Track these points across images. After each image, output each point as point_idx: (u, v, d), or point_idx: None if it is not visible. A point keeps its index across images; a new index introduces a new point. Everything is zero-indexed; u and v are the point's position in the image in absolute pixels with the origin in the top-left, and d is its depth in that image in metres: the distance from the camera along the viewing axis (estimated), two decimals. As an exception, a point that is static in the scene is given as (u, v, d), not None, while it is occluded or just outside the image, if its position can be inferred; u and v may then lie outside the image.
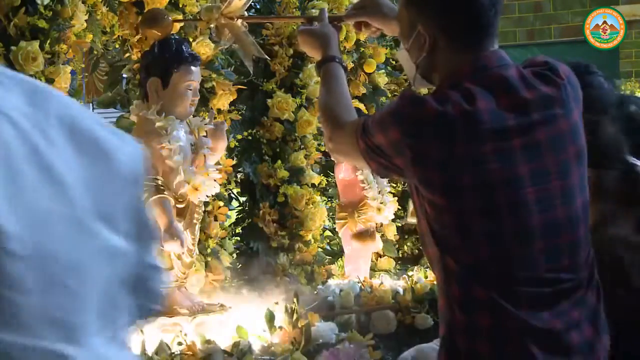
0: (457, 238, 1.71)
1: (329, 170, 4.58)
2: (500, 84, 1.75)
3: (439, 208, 1.72)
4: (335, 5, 4.47)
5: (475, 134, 1.68)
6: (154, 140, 2.92)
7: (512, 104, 1.72)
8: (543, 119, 1.74)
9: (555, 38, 12.46)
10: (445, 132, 1.68)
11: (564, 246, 1.75)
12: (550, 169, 1.73)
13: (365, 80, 4.89)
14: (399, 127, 1.73)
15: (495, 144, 1.69)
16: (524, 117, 1.72)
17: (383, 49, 5.03)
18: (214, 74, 3.54)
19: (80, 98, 2.96)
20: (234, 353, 2.77)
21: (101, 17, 3.14)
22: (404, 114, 1.73)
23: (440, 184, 1.70)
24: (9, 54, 2.63)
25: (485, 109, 1.69)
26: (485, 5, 1.80)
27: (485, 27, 1.81)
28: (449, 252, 1.73)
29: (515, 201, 1.69)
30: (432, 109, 1.69)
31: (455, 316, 1.73)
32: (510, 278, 1.70)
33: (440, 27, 1.81)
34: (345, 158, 2.21)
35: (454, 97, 1.70)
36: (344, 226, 4.10)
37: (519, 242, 1.70)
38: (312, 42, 2.29)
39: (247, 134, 3.94)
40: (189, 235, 3.04)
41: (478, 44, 1.80)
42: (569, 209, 1.75)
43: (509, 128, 1.70)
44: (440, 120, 1.68)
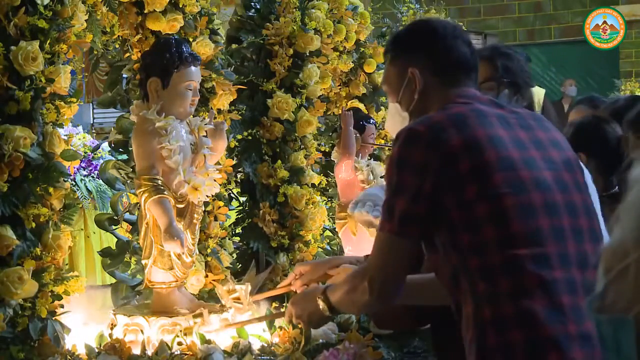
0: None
1: (329, 170, 4.58)
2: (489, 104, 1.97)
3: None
4: (335, 5, 4.48)
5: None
6: (154, 140, 2.92)
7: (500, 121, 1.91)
8: (524, 129, 1.92)
9: (555, 38, 12.47)
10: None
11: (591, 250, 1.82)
12: (556, 160, 1.88)
13: (365, 80, 4.89)
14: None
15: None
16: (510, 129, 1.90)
17: (383, 49, 5.03)
18: (214, 74, 3.54)
19: (80, 98, 2.96)
20: (234, 353, 2.77)
21: (101, 17, 3.14)
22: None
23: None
24: (9, 54, 2.63)
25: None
26: (463, 45, 2.03)
27: (464, 63, 2.03)
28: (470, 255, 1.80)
29: (538, 176, 1.83)
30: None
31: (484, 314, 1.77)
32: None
33: (429, 67, 2.01)
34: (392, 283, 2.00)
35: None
36: (344, 226, 4.10)
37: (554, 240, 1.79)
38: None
39: (247, 134, 3.93)
40: (189, 235, 3.04)
41: (462, 79, 2.01)
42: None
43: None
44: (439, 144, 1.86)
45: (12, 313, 2.63)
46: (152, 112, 2.94)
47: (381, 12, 6.51)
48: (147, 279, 3.06)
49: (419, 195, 1.82)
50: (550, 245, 1.76)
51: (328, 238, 4.62)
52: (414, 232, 1.86)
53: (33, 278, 2.63)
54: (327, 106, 4.71)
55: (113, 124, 3.66)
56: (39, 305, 2.68)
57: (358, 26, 4.71)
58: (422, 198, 1.82)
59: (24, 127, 2.65)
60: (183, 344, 2.78)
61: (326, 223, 4.32)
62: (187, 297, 3.12)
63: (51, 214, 2.74)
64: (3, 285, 2.57)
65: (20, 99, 2.65)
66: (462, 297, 1.82)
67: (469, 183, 1.79)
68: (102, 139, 7.64)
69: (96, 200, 6.78)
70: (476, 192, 1.78)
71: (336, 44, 4.47)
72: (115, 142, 3.59)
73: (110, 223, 3.60)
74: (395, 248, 1.89)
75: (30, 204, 2.68)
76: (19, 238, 2.65)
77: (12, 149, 2.60)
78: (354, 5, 4.70)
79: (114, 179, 3.63)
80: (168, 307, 3.02)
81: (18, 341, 2.65)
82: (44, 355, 2.70)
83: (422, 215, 1.83)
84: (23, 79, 2.67)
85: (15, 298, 2.60)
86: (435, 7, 5.77)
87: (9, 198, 2.63)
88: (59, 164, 2.76)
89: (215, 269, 3.53)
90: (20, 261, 2.64)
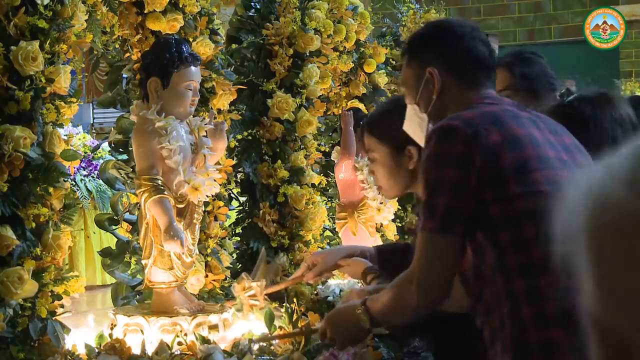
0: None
1: (329, 170, 4.58)
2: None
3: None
4: (335, 5, 4.48)
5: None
6: (154, 140, 2.92)
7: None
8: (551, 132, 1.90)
9: (555, 38, 12.46)
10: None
11: None
12: (582, 165, 1.84)
13: (365, 80, 4.89)
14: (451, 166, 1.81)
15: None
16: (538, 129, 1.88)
17: (383, 49, 5.04)
18: (214, 74, 3.54)
19: (80, 98, 2.96)
20: (234, 353, 2.77)
21: (101, 17, 3.14)
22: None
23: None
24: (9, 54, 2.63)
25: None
26: (481, 45, 2.01)
27: (483, 63, 2.00)
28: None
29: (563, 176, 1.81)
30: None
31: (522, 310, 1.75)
32: None
33: (447, 67, 1.99)
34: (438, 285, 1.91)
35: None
36: (344, 226, 4.10)
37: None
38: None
39: (247, 134, 3.93)
40: (189, 235, 3.04)
41: (481, 80, 1.99)
42: None
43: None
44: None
45: (12, 313, 2.62)
46: (152, 112, 2.94)
47: (381, 12, 6.52)
48: (147, 279, 3.06)
49: (463, 189, 1.77)
50: None
51: (328, 238, 4.62)
52: (458, 228, 1.79)
53: (33, 278, 2.63)
54: (327, 106, 4.71)
55: (113, 124, 3.66)
56: (39, 305, 2.68)
57: (358, 26, 4.72)
58: (466, 192, 1.77)
59: (24, 127, 2.65)
60: (183, 344, 2.78)
61: (326, 223, 4.32)
62: (187, 297, 3.12)
63: (51, 214, 2.74)
64: (3, 285, 2.57)
65: (20, 99, 2.65)
66: (494, 297, 1.79)
67: (511, 179, 1.76)
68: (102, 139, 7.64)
69: (96, 200, 6.78)
70: (518, 188, 1.76)
71: (336, 44, 4.47)
72: (115, 142, 3.59)
73: (110, 223, 3.60)
74: (440, 247, 1.82)
75: (30, 204, 2.68)
76: (19, 238, 2.65)
77: (12, 149, 2.60)
78: (354, 5, 4.71)
79: (114, 179, 3.63)
80: (168, 307, 3.02)
81: (18, 341, 2.65)
82: (44, 355, 2.70)
83: (465, 210, 1.78)
84: (23, 79, 2.67)
85: (15, 298, 2.60)
86: (435, 7, 5.77)
87: (9, 198, 2.63)
88: (59, 164, 2.76)
89: (215, 269, 3.53)
90: (20, 261, 2.64)
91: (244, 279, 2.93)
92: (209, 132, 3.11)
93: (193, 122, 3.07)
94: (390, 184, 2.58)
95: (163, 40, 3.12)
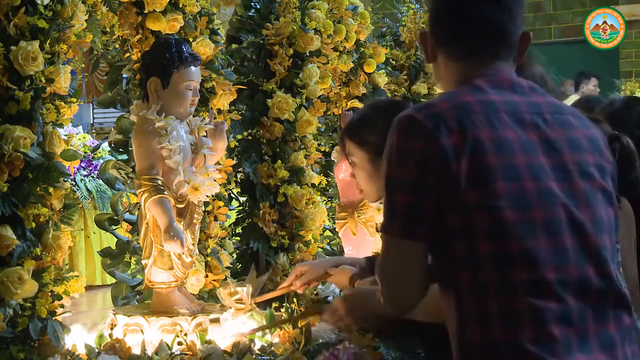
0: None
1: (329, 170, 4.57)
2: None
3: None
4: (335, 5, 4.47)
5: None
6: (154, 140, 2.92)
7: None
8: (556, 122, 1.66)
9: (555, 38, 12.46)
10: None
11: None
12: (571, 167, 1.62)
13: (365, 80, 4.89)
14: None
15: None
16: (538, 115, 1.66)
17: (383, 49, 5.03)
18: (214, 74, 3.54)
19: (80, 98, 2.96)
20: (234, 353, 2.77)
21: (101, 17, 3.14)
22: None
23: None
24: (9, 54, 2.63)
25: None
26: (491, 5, 1.71)
27: (485, 29, 1.72)
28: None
29: (543, 187, 1.60)
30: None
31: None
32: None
33: (436, 35, 1.76)
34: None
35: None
36: (344, 226, 4.09)
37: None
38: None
39: (247, 134, 3.93)
40: (189, 235, 3.04)
41: (483, 51, 1.73)
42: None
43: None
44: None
45: (12, 313, 2.62)
46: (152, 112, 2.94)
47: (381, 12, 6.51)
48: (147, 279, 3.06)
49: (422, 188, 1.59)
50: (549, 270, 1.56)
51: (328, 238, 4.62)
52: (419, 233, 1.61)
53: (33, 278, 2.63)
54: (327, 106, 4.70)
55: (113, 124, 3.66)
56: (39, 305, 2.68)
57: (358, 26, 4.71)
58: (426, 192, 1.58)
59: (24, 127, 2.65)
60: (183, 344, 2.78)
61: (326, 223, 4.32)
62: (187, 297, 3.12)
63: (51, 214, 2.74)
64: (3, 285, 2.57)
65: (20, 99, 2.65)
66: (449, 312, 1.64)
67: (467, 188, 1.57)
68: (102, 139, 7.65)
69: (96, 200, 6.79)
70: (475, 200, 1.56)
71: (336, 44, 4.47)
72: (115, 142, 3.59)
73: (110, 223, 3.60)
74: (401, 253, 1.65)
75: (30, 204, 2.68)
76: (19, 238, 2.64)
77: (12, 149, 2.60)
78: (354, 5, 4.70)
79: (114, 179, 3.63)
80: (168, 307, 3.02)
81: (18, 341, 2.65)
82: (44, 355, 2.70)
83: (426, 213, 1.60)
84: (23, 79, 2.66)
85: (15, 298, 2.60)
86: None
87: (9, 198, 2.63)
88: (59, 164, 2.76)
89: (215, 269, 3.53)
90: (20, 261, 2.64)
91: (229, 284, 2.95)
92: (209, 132, 3.11)
93: (193, 122, 3.07)
94: (370, 188, 2.59)
95: (163, 40, 3.12)
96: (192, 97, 3.01)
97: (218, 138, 3.13)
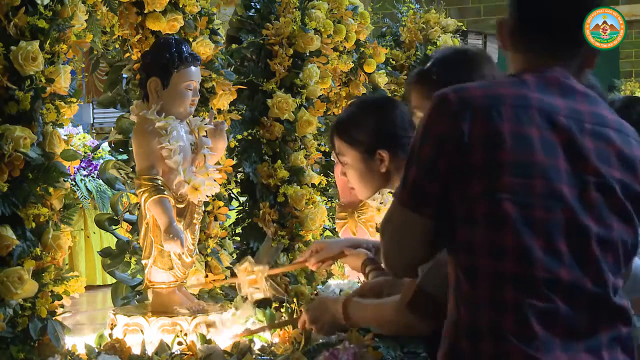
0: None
1: (329, 170, 4.57)
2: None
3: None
4: (335, 5, 4.47)
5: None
6: (154, 140, 2.92)
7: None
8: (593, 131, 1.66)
9: (555, 38, 12.45)
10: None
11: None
12: (589, 177, 1.62)
13: (365, 80, 4.89)
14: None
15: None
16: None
17: (383, 49, 5.04)
18: (214, 74, 3.54)
19: (80, 98, 2.96)
20: (234, 353, 2.77)
21: (101, 17, 3.14)
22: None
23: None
24: (9, 54, 2.63)
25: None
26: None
27: (549, 24, 1.85)
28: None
29: (552, 188, 1.60)
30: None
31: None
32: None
33: (509, 24, 1.84)
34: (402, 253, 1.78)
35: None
36: (344, 226, 4.09)
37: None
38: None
39: (247, 134, 3.93)
40: (189, 235, 3.04)
41: (535, 46, 1.78)
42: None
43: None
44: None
45: (12, 313, 2.62)
46: (152, 112, 2.94)
47: (381, 12, 6.52)
48: (147, 279, 3.06)
49: (432, 172, 1.63)
50: (539, 269, 1.58)
51: (328, 238, 4.62)
52: (426, 210, 1.64)
53: (33, 278, 2.63)
54: (327, 106, 4.71)
55: (113, 124, 3.66)
56: (39, 305, 2.68)
57: (358, 26, 4.71)
58: (435, 176, 1.62)
59: (24, 127, 2.65)
60: (183, 344, 2.78)
61: (326, 223, 4.32)
62: (187, 297, 3.12)
63: (51, 214, 2.74)
64: (3, 285, 2.57)
65: (20, 99, 2.65)
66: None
67: (475, 177, 1.59)
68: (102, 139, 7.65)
69: (96, 200, 6.79)
70: (480, 189, 1.59)
71: (336, 44, 4.47)
72: (115, 142, 3.59)
73: (110, 223, 3.60)
74: (405, 221, 1.68)
75: (30, 204, 2.68)
76: (19, 238, 2.64)
77: (12, 149, 2.60)
78: (354, 5, 4.70)
79: (114, 179, 3.63)
80: (168, 307, 3.02)
81: (18, 341, 2.65)
82: (44, 355, 2.70)
83: (433, 194, 1.63)
84: (23, 79, 2.66)
85: (15, 298, 2.60)
86: (435, 7, 5.77)
87: (9, 198, 2.63)
88: (59, 164, 2.76)
89: (215, 269, 3.53)
90: (20, 261, 2.64)
91: (247, 261, 2.90)
92: (209, 132, 3.12)
93: (193, 122, 3.07)
94: (362, 186, 2.58)
95: (163, 40, 3.12)
96: (192, 97, 3.01)
97: (218, 138, 3.13)
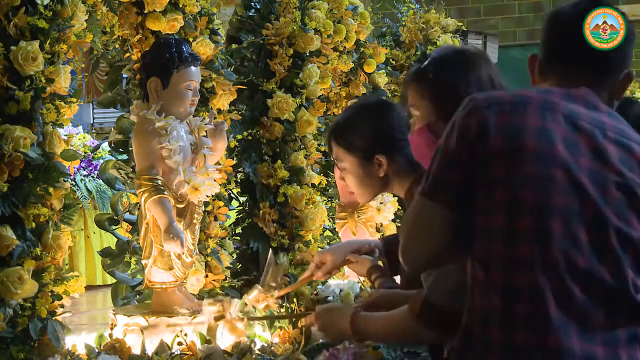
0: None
1: (329, 170, 4.58)
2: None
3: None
4: (335, 5, 4.48)
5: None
6: (154, 140, 2.92)
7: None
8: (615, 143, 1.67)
9: (556, 38, 12.46)
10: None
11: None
12: (611, 176, 1.62)
13: (365, 80, 4.89)
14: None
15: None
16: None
17: (383, 49, 5.04)
18: (214, 74, 3.54)
19: (80, 98, 2.96)
20: (234, 353, 2.77)
21: (101, 17, 3.14)
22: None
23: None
24: (9, 54, 2.63)
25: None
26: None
27: (567, 55, 1.94)
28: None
29: (573, 178, 1.61)
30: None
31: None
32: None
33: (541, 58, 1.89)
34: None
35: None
36: (344, 226, 4.09)
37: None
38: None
39: (247, 134, 3.93)
40: (189, 235, 3.04)
41: (552, 72, 1.85)
42: None
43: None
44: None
45: (12, 313, 2.62)
46: (152, 112, 2.94)
47: (381, 12, 6.52)
48: (147, 279, 3.06)
49: (456, 161, 1.65)
50: (557, 252, 1.59)
51: (328, 238, 4.62)
52: (444, 197, 1.67)
53: (33, 278, 2.63)
54: (327, 106, 4.71)
55: (113, 124, 3.66)
56: (39, 305, 2.68)
57: (358, 26, 4.72)
58: (457, 165, 1.65)
59: (24, 127, 2.65)
60: (183, 344, 2.78)
61: (326, 223, 4.32)
62: (187, 297, 3.12)
63: (51, 214, 2.74)
64: (3, 285, 2.57)
65: (20, 99, 2.65)
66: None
67: (496, 161, 1.62)
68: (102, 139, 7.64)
69: (96, 200, 6.78)
70: (500, 174, 1.61)
71: (336, 44, 4.47)
72: (115, 142, 3.59)
73: (110, 223, 3.60)
74: (425, 212, 1.70)
75: (30, 204, 2.68)
76: (19, 238, 2.65)
77: (12, 149, 2.60)
78: (354, 5, 4.71)
79: (114, 179, 3.63)
80: (168, 307, 3.02)
81: (18, 341, 2.65)
82: (44, 355, 2.70)
83: (454, 182, 1.66)
84: (23, 79, 2.67)
85: (15, 298, 2.60)
86: (435, 7, 5.77)
87: (9, 198, 2.63)
88: (59, 164, 2.76)
89: (215, 269, 3.53)
90: (20, 261, 2.64)
91: (256, 290, 2.81)
92: (209, 132, 3.12)
93: (193, 122, 3.07)
94: (361, 191, 2.57)
95: (163, 40, 3.12)
96: (192, 97, 3.01)
97: (218, 138, 3.13)
